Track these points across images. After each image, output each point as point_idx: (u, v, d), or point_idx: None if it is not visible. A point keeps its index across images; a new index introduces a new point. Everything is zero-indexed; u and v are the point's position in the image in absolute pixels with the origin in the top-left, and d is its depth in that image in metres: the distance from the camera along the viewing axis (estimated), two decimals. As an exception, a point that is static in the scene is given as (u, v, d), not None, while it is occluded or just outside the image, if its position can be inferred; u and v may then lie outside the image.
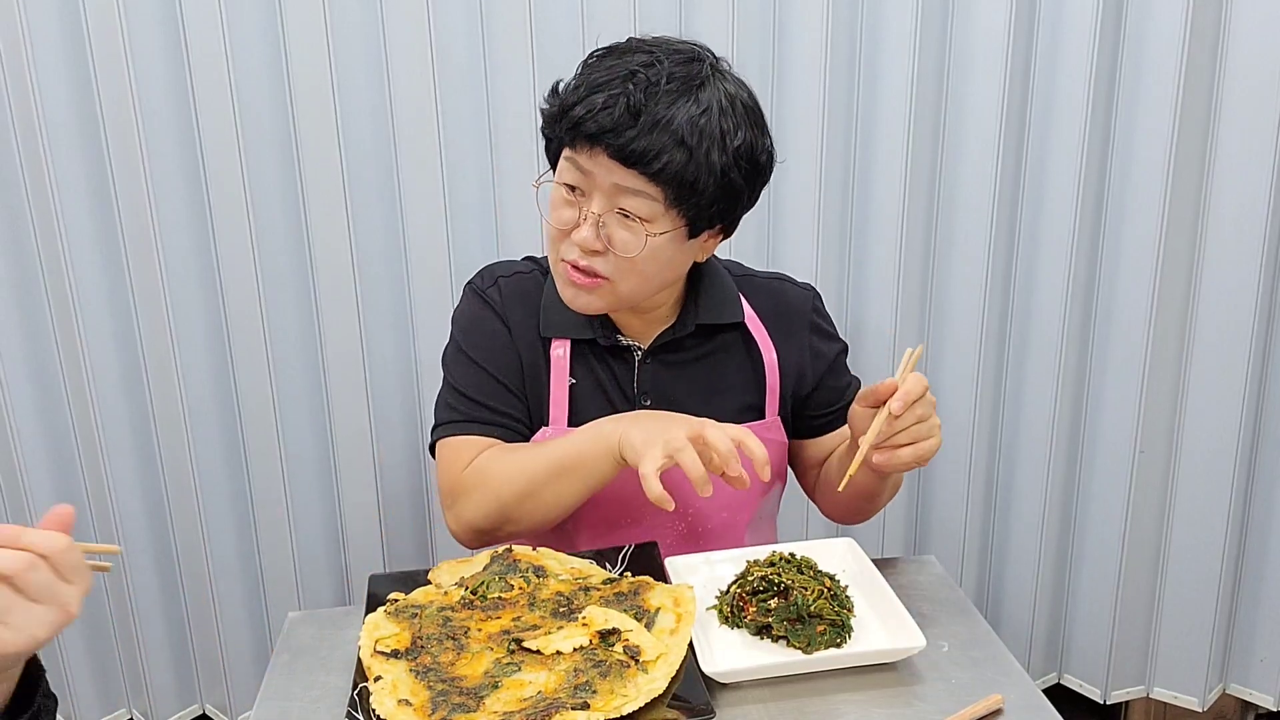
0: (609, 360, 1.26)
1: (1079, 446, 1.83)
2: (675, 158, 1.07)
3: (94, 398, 1.67)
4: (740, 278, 1.33)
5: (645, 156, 1.06)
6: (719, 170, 1.09)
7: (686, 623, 0.99)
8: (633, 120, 1.06)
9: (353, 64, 1.58)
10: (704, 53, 1.12)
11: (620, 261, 1.13)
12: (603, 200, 1.10)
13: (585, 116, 1.07)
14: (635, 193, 1.09)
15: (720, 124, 1.09)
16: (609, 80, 1.08)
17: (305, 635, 1.09)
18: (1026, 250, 1.75)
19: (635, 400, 1.26)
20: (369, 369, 1.72)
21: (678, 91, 1.07)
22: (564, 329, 1.25)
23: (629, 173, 1.08)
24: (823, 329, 1.34)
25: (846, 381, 1.36)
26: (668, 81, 1.07)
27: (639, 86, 1.06)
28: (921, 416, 1.06)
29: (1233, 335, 1.69)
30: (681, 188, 1.08)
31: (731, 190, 1.12)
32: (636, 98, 1.06)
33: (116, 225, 1.61)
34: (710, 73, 1.10)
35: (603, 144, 1.07)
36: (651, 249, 1.12)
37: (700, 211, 1.12)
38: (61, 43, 1.53)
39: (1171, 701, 1.90)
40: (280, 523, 1.78)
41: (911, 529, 1.93)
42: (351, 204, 1.64)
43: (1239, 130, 1.61)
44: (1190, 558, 1.81)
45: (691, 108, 1.07)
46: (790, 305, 1.32)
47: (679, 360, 1.27)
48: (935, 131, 1.70)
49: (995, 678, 0.97)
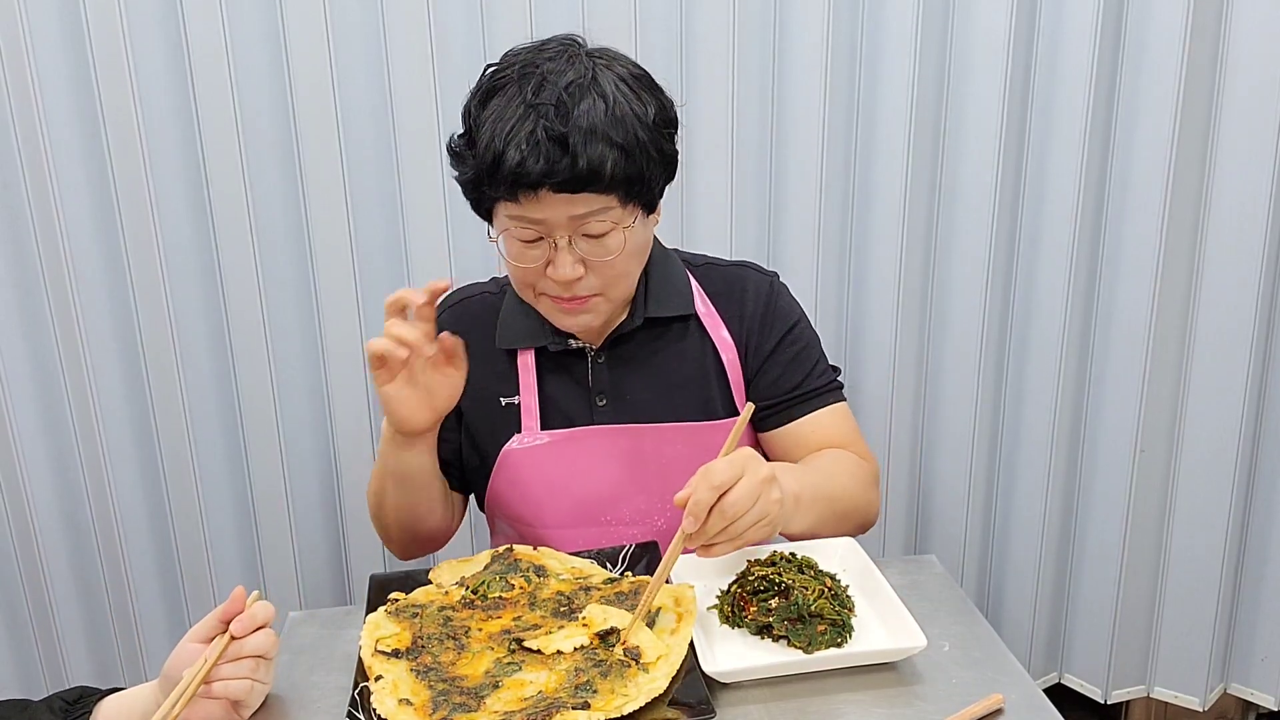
0: (566, 363, 1.27)
1: (1079, 446, 1.83)
2: (616, 161, 1.06)
3: (94, 397, 1.67)
4: (702, 268, 1.32)
5: (591, 177, 1.06)
6: (651, 148, 1.10)
7: (687, 622, 0.99)
8: (562, 150, 1.04)
9: (353, 64, 1.58)
10: (571, 45, 1.12)
11: (604, 271, 1.13)
12: (564, 232, 1.10)
13: (517, 169, 1.04)
14: (593, 213, 1.09)
15: (631, 107, 1.08)
16: (514, 125, 1.05)
17: (306, 635, 1.09)
18: (1027, 250, 1.75)
19: (592, 402, 1.26)
20: (369, 369, 1.72)
21: (581, 97, 1.06)
22: (518, 339, 1.26)
23: (580, 197, 1.07)
24: (779, 315, 1.29)
25: (804, 374, 1.29)
26: (568, 94, 1.06)
27: (548, 117, 1.04)
28: (733, 515, 0.98)
29: (1233, 335, 1.69)
30: (631, 182, 1.09)
31: (667, 157, 1.14)
32: (554, 129, 1.04)
33: (117, 225, 1.61)
34: (592, 63, 1.10)
35: (547, 184, 1.05)
36: (629, 244, 1.13)
37: (652, 189, 1.13)
38: (61, 43, 1.52)
39: (1172, 701, 1.90)
40: (281, 523, 1.78)
41: (911, 529, 1.92)
42: (352, 204, 1.64)
43: (1239, 131, 1.60)
44: (1191, 557, 1.81)
45: (601, 105, 1.06)
46: (747, 291, 1.30)
47: (632, 356, 1.27)
48: (936, 132, 1.70)
49: (995, 678, 0.97)
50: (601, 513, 1.27)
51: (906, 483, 1.88)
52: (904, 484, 1.87)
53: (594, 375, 1.26)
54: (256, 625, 0.93)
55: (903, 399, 1.82)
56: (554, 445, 1.25)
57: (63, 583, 1.76)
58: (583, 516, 1.27)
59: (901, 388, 1.81)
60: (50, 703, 0.93)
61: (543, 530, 1.27)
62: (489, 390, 1.27)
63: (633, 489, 1.26)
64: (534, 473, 1.26)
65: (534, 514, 1.28)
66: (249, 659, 0.92)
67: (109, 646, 1.83)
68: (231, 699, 0.92)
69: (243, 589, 0.94)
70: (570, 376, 1.27)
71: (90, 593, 1.78)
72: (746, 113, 1.66)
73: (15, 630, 1.76)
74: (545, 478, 1.26)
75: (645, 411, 1.26)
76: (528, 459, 1.26)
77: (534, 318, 1.25)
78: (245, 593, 0.94)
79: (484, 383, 1.27)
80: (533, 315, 1.25)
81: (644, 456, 1.26)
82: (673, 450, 1.26)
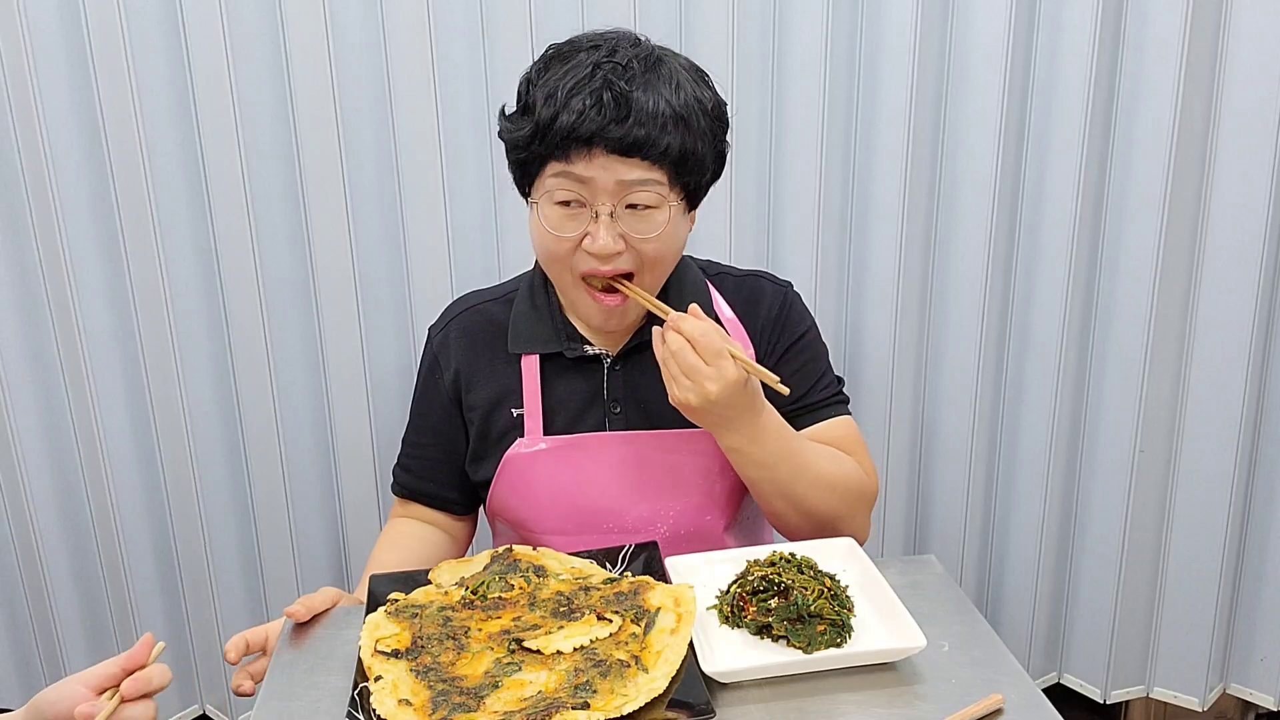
0: (580, 370, 1.26)
1: (1079, 446, 1.83)
2: (674, 136, 1.07)
3: (94, 398, 1.67)
4: (716, 275, 1.32)
5: (646, 143, 1.06)
6: (709, 136, 1.11)
7: (687, 622, 0.99)
8: (624, 112, 1.05)
9: (353, 64, 1.58)
10: (638, 36, 1.14)
11: (642, 250, 1.13)
12: (608, 201, 1.09)
13: (576, 122, 1.05)
14: (641, 183, 1.09)
15: (695, 92, 1.10)
16: (579, 82, 1.06)
17: (305, 635, 1.09)
18: (1026, 250, 1.75)
19: (607, 409, 1.26)
20: (369, 369, 1.72)
21: (652, 66, 1.08)
22: (531, 344, 1.26)
23: (632, 163, 1.07)
24: (790, 324, 1.30)
25: (810, 385, 1.29)
26: (637, 60, 1.08)
27: (616, 77, 1.06)
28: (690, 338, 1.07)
29: (1233, 335, 1.69)
30: (683, 163, 1.10)
31: (720, 151, 1.15)
32: (619, 88, 1.06)
33: (117, 225, 1.61)
34: (658, 51, 1.12)
35: (601, 143, 1.06)
36: (669, 229, 1.13)
37: (700, 180, 1.14)
38: (61, 43, 1.53)
39: (1171, 701, 1.90)
40: (280, 523, 1.78)
41: (911, 529, 1.92)
42: (352, 204, 1.64)
43: (1239, 130, 1.61)
44: (1190, 557, 1.81)
45: (666, 84, 1.08)
46: (763, 300, 1.30)
47: (649, 365, 1.24)
48: (935, 131, 1.70)
49: (995, 677, 0.97)
50: (604, 520, 1.26)
51: (906, 483, 1.88)
52: (904, 484, 1.88)
53: (609, 382, 1.26)
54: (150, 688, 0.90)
55: (902, 399, 1.82)
56: (556, 451, 1.25)
57: (63, 583, 1.76)
58: (585, 523, 1.26)
59: (901, 388, 1.81)
60: None
61: (544, 536, 1.27)
62: (501, 403, 1.27)
63: (636, 496, 1.25)
64: (536, 478, 1.25)
65: (535, 519, 1.27)
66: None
67: (109, 646, 1.83)
68: None
69: (151, 637, 0.92)
70: (586, 383, 1.26)
71: (90, 593, 1.79)
72: (746, 113, 1.66)
73: (15, 630, 1.76)
74: (547, 483, 1.25)
75: (661, 420, 1.24)
76: (530, 464, 1.25)
77: (547, 322, 1.25)
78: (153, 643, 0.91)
79: (494, 396, 1.27)
80: (545, 320, 1.25)
81: (648, 464, 1.25)
82: (677, 457, 1.25)
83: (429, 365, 1.33)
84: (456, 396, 1.30)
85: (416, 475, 1.36)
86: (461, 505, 1.37)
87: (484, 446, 1.29)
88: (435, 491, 1.36)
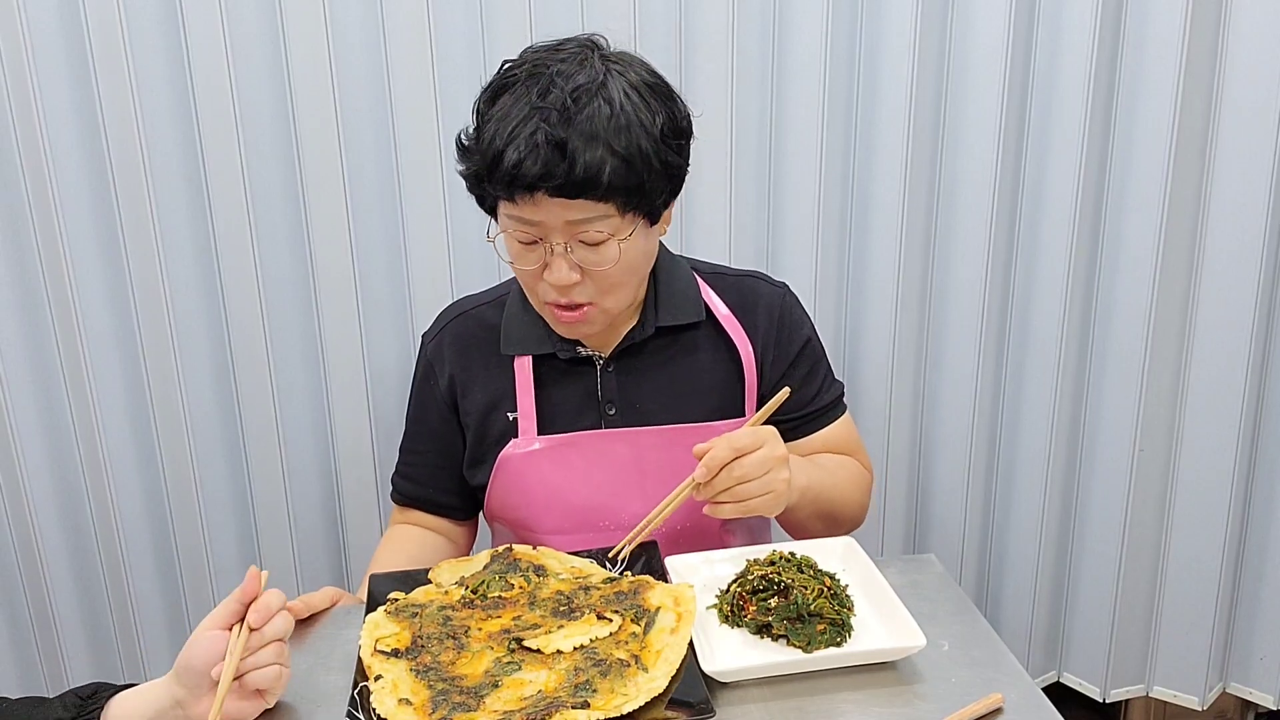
0: (574, 372, 1.26)
1: (1079, 445, 1.83)
2: (615, 169, 1.05)
3: (94, 398, 1.67)
4: (711, 275, 1.32)
5: (587, 185, 1.05)
6: (655, 159, 1.08)
7: (686, 622, 0.99)
8: (560, 154, 1.03)
9: (353, 64, 1.58)
10: (588, 47, 1.11)
11: (599, 280, 1.13)
12: (560, 237, 1.09)
13: (514, 171, 1.04)
14: (589, 219, 1.08)
15: (638, 116, 1.07)
16: (515, 127, 1.05)
17: (305, 635, 1.09)
18: (1026, 249, 1.75)
19: (601, 410, 1.26)
20: (369, 369, 1.72)
21: (586, 102, 1.05)
22: (524, 345, 1.26)
23: (576, 203, 1.06)
24: (792, 332, 1.31)
25: (815, 390, 1.32)
26: (573, 98, 1.04)
27: (550, 123, 1.03)
28: (742, 477, 1.07)
29: (1233, 334, 1.69)
30: (630, 192, 1.07)
31: (671, 168, 1.12)
32: (554, 136, 1.03)
33: (117, 225, 1.61)
34: (605, 67, 1.08)
35: (542, 189, 1.05)
36: (626, 255, 1.12)
37: (654, 201, 1.11)
38: (61, 42, 1.52)
39: (1171, 700, 1.90)
40: (280, 523, 1.78)
41: (911, 528, 1.93)
42: (352, 204, 1.63)
43: (1239, 129, 1.60)
44: (1190, 556, 1.81)
45: (605, 111, 1.05)
46: (759, 304, 1.31)
47: (643, 366, 1.26)
48: (935, 131, 1.70)
49: (995, 677, 0.97)
50: (600, 518, 1.27)
51: (905, 482, 1.88)
52: (903, 483, 1.88)
53: (603, 384, 1.26)
54: (273, 612, 0.93)
55: (902, 398, 1.82)
56: (551, 450, 1.25)
57: (63, 583, 1.76)
58: (581, 522, 1.26)
59: (900, 387, 1.81)
60: (65, 699, 0.93)
61: (541, 535, 1.27)
62: (496, 406, 1.28)
63: (632, 494, 1.26)
64: (531, 478, 1.26)
65: (532, 519, 1.28)
66: (272, 645, 0.93)
67: (109, 646, 1.83)
68: (263, 689, 0.92)
69: (256, 569, 0.95)
70: (580, 385, 1.26)
71: (90, 593, 1.78)
72: (746, 113, 1.66)
73: (15, 630, 1.76)
74: (542, 483, 1.26)
75: (656, 420, 1.26)
76: (525, 464, 1.26)
77: (541, 325, 1.25)
78: (259, 572, 0.94)
79: (489, 400, 1.28)
80: (537, 321, 1.25)
81: (643, 461, 1.26)
82: (671, 454, 1.25)
83: (423, 372, 1.34)
84: (452, 402, 1.31)
85: (416, 482, 1.37)
86: (462, 510, 1.38)
87: (481, 450, 1.30)
88: (435, 497, 1.37)
